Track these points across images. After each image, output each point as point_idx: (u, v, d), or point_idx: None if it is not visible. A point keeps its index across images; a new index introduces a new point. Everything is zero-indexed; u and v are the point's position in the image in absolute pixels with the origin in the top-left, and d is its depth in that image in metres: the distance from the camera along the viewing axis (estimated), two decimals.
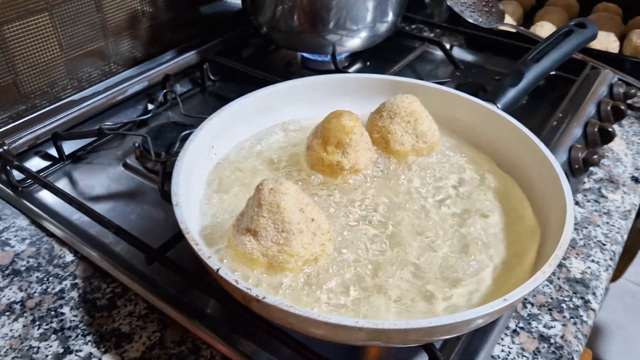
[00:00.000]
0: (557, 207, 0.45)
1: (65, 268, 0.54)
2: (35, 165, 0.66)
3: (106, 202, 0.62)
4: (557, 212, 0.45)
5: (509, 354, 0.47)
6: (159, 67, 0.80)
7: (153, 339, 0.47)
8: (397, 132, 0.54)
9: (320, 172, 0.53)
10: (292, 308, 0.35)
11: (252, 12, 0.82)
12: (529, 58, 0.62)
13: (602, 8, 1.01)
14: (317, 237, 0.43)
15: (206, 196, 0.50)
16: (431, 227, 0.48)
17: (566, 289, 0.53)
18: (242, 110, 0.57)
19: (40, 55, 0.70)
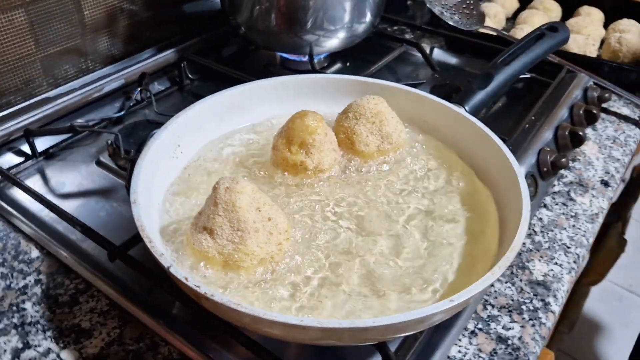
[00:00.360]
0: (515, 210, 0.46)
1: (30, 264, 0.54)
2: (8, 161, 0.67)
3: (76, 199, 0.62)
4: (514, 214, 0.46)
5: (466, 354, 0.47)
6: (136, 65, 0.80)
7: (112, 335, 0.47)
8: (363, 133, 0.55)
9: (284, 172, 0.53)
10: (238, 306, 0.36)
11: (231, 12, 0.82)
12: (498, 61, 0.63)
13: (584, 12, 1.02)
14: (273, 237, 0.44)
15: (169, 195, 0.51)
16: (392, 227, 0.49)
17: (527, 290, 0.53)
18: (211, 109, 0.57)
19: (15, 51, 0.70)
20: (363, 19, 0.82)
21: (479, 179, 0.54)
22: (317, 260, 0.45)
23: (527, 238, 0.59)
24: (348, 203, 0.51)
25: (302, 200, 0.51)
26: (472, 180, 0.54)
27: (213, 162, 0.55)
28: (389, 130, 0.55)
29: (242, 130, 0.59)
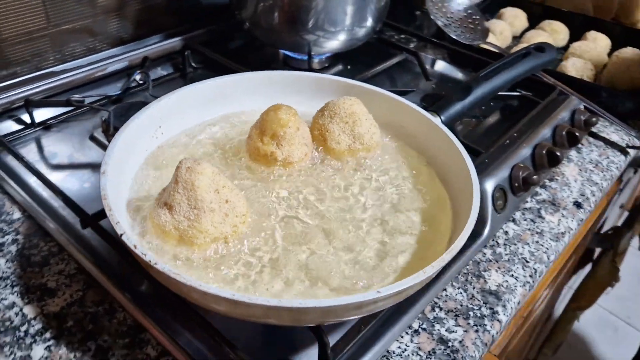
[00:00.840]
0: (467, 215, 0.47)
1: (11, 224, 0.57)
2: (7, 127, 0.70)
3: (65, 169, 0.66)
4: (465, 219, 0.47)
5: (404, 350, 0.49)
6: (142, 49, 0.84)
7: (74, 297, 0.50)
8: (335, 131, 0.57)
9: (255, 161, 0.55)
10: (178, 275, 0.38)
11: (236, 7, 0.85)
12: (480, 75, 0.64)
13: (590, 37, 1.02)
14: (229, 218, 0.46)
15: (142, 171, 0.54)
16: (349, 223, 0.51)
17: (478, 298, 0.54)
18: (195, 95, 0.60)
19: (26, 24, 0.74)
20: (364, 23, 0.84)
21: (442, 187, 0.56)
22: (270, 245, 0.47)
23: (488, 249, 0.60)
24: (311, 196, 0.53)
25: (267, 188, 0.53)
26: (435, 187, 0.56)
27: (189, 145, 0.58)
28: (361, 131, 0.57)
29: (224, 118, 0.62)
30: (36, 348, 0.46)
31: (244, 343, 0.47)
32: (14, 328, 0.47)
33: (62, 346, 0.46)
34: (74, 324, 0.48)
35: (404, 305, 0.52)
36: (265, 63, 0.93)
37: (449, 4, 0.97)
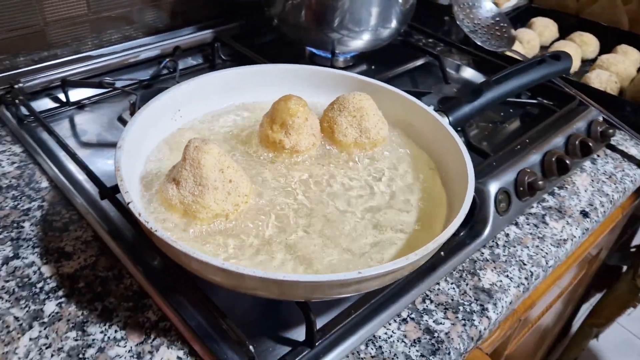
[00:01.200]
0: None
1: (39, 192, 0.62)
2: (45, 104, 0.76)
3: (92, 147, 0.70)
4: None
5: (390, 337, 0.51)
6: (174, 39, 0.88)
7: (88, 262, 0.54)
8: (343, 124, 0.59)
9: (265, 148, 0.58)
10: (175, 243, 0.41)
11: (266, 3, 0.88)
12: (492, 79, 0.66)
13: (621, 50, 1.01)
14: (231, 197, 0.49)
15: (158, 149, 0.57)
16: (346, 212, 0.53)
17: (470, 294, 0.56)
18: (215, 83, 0.63)
19: (69, 11, 0.79)
20: (388, 25, 0.86)
21: (442, 186, 0.57)
22: (268, 225, 0.50)
23: (487, 249, 0.62)
24: (313, 183, 0.55)
25: (273, 174, 0.56)
26: (435, 186, 0.57)
27: (205, 129, 0.61)
28: (368, 125, 0.59)
29: (241, 106, 0.65)
30: (49, 304, 0.50)
31: (238, 316, 0.50)
32: (31, 284, 0.51)
33: (72, 304, 0.50)
34: (85, 285, 0.52)
35: (396, 294, 0.54)
36: (292, 59, 0.95)
37: (477, 10, 0.97)
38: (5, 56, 0.76)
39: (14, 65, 0.77)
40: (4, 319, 0.48)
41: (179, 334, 0.49)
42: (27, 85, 0.74)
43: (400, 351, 0.50)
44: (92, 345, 0.47)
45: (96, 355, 0.46)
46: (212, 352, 0.47)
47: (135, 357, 0.46)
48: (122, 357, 0.46)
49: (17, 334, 0.47)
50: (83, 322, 0.48)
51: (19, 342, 0.46)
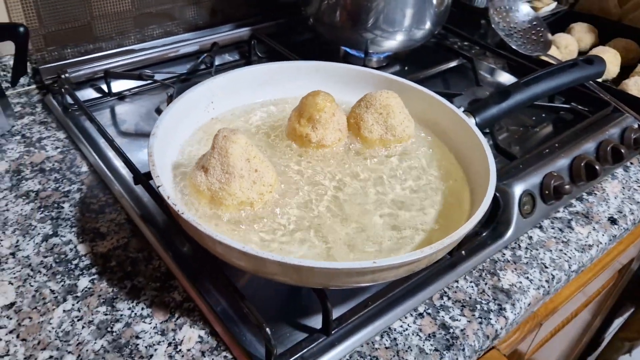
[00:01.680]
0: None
1: (79, 176, 0.65)
2: (88, 94, 0.80)
3: (130, 136, 0.74)
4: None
5: (406, 330, 0.52)
6: (213, 35, 0.91)
7: (120, 243, 0.57)
8: (369, 120, 0.60)
9: (292, 140, 0.60)
10: (199, 225, 0.43)
11: (302, 3, 0.90)
12: (521, 81, 0.66)
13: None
14: (256, 186, 0.51)
15: (190, 138, 0.60)
16: (367, 206, 0.54)
17: (489, 294, 0.56)
18: (248, 77, 0.66)
19: (115, 7, 0.83)
20: (422, 26, 0.87)
21: (467, 185, 0.58)
22: (292, 215, 0.52)
23: (509, 250, 0.62)
24: (337, 177, 0.57)
25: (299, 166, 0.58)
26: (458, 184, 0.58)
27: (236, 121, 0.63)
28: (394, 123, 0.60)
29: (272, 101, 0.67)
30: (82, 279, 0.53)
31: (260, 302, 0.52)
32: (67, 261, 0.55)
33: (103, 281, 0.53)
34: (116, 264, 0.55)
35: (413, 289, 0.55)
36: (326, 58, 0.96)
37: (514, 14, 0.97)
38: (55, 47, 0.80)
39: (62, 57, 0.81)
40: (41, 291, 0.51)
41: (201, 314, 0.51)
42: (72, 75, 0.79)
43: (414, 344, 0.50)
44: (119, 320, 0.49)
45: (123, 329, 0.49)
46: (232, 334, 0.49)
47: (159, 334, 0.49)
48: (147, 333, 0.49)
49: (52, 305, 0.50)
50: (113, 298, 0.51)
51: (54, 313, 0.49)
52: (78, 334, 0.48)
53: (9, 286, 0.52)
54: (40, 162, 0.67)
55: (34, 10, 0.76)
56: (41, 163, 0.67)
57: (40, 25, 0.78)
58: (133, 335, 0.48)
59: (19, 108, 0.77)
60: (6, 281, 0.52)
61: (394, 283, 0.54)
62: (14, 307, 0.50)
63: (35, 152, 0.69)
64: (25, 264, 0.54)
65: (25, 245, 0.56)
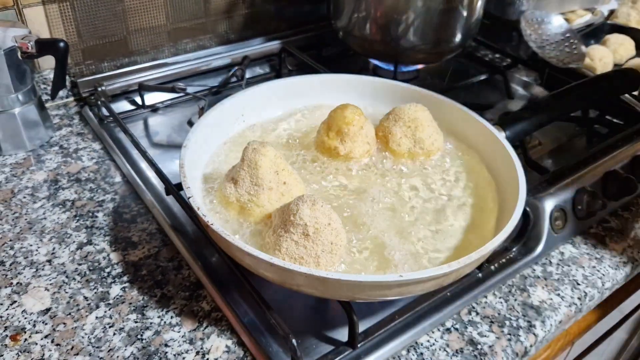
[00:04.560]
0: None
1: (113, 186, 0.67)
2: (123, 107, 0.82)
3: (162, 147, 0.76)
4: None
5: (433, 344, 0.51)
6: (244, 49, 0.93)
7: (151, 252, 0.59)
8: (397, 134, 0.61)
9: (320, 153, 0.61)
10: (228, 236, 0.44)
11: (333, 17, 0.91)
12: (553, 95, 0.65)
13: None
14: (284, 198, 0.52)
15: (221, 150, 0.61)
16: (396, 218, 0.54)
17: (518, 310, 0.55)
18: (277, 90, 0.67)
19: (150, 22, 0.85)
20: (452, 39, 0.87)
21: (496, 198, 0.57)
22: None
23: (539, 266, 0.61)
24: (365, 189, 0.57)
25: (327, 178, 0.58)
26: (487, 198, 0.57)
27: (266, 132, 0.64)
28: (422, 136, 0.60)
29: (301, 112, 0.68)
30: (114, 287, 0.54)
31: (288, 314, 0.52)
32: (100, 268, 0.56)
33: (134, 289, 0.54)
34: (147, 273, 0.56)
35: (441, 304, 0.54)
36: (356, 71, 0.97)
37: (546, 26, 0.96)
38: (92, 61, 0.83)
39: (99, 70, 0.84)
40: (75, 298, 0.53)
41: (229, 324, 0.51)
42: (108, 88, 0.81)
43: (441, 359, 0.50)
44: (149, 328, 0.50)
45: (153, 337, 0.50)
46: (258, 344, 0.49)
47: (187, 342, 0.49)
48: (176, 341, 0.49)
49: (85, 312, 0.51)
50: (143, 306, 0.52)
51: (87, 320, 0.51)
52: (109, 340, 0.49)
53: (45, 292, 0.53)
54: (77, 172, 0.69)
55: (73, 26, 0.79)
56: (77, 173, 0.69)
57: (79, 40, 0.80)
58: (162, 343, 0.49)
59: (57, 120, 0.80)
60: (43, 287, 0.54)
61: (421, 297, 0.54)
62: (50, 313, 0.51)
63: (72, 162, 0.71)
64: (60, 271, 0.56)
65: (61, 252, 0.58)
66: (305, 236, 0.45)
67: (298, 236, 0.45)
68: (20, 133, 0.71)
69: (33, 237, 0.59)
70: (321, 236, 0.45)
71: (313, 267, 0.46)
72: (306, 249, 0.45)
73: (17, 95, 0.69)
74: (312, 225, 0.45)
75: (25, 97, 0.71)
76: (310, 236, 0.45)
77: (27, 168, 0.70)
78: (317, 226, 0.45)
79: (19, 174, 0.68)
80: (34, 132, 0.72)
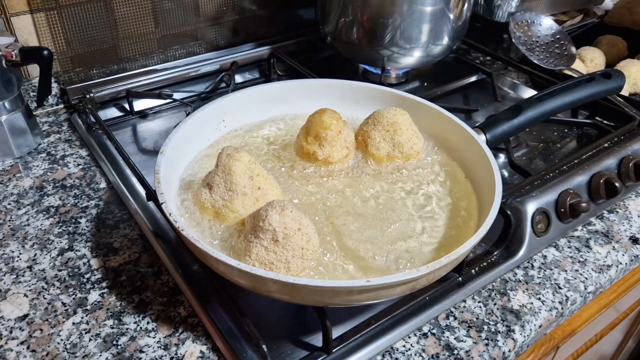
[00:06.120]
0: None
1: (97, 192, 0.68)
2: (111, 113, 0.83)
3: (149, 153, 0.76)
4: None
5: (409, 350, 0.51)
6: (233, 54, 0.94)
7: (132, 257, 0.59)
8: (376, 137, 0.60)
9: (299, 158, 0.61)
10: (197, 242, 0.44)
11: (321, 22, 0.91)
12: (535, 97, 0.64)
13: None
14: (259, 203, 0.52)
15: (200, 156, 0.61)
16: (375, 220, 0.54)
17: (497, 315, 0.55)
18: (259, 95, 0.67)
19: (139, 29, 0.86)
20: (439, 42, 0.86)
21: (475, 201, 0.57)
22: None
23: (521, 270, 0.60)
24: (344, 193, 0.57)
25: (306, 183, 0.58)
26: (466, 201, 0.57)
27: (246, 138, 0.65)
28: (401, 140, 0.60)
29: (282, 118, 0.68)
30: (93, 293, 0.55)
31: (264, 320, 0.52)
32: (80, 274, 0.56)
33: (113, 295, 0.54)
34: (127, 279, 0.56)
35: (418, 308, 0.54)
36: (345, 75, 0.96)
37: (536, 27, 0.96)
38: (81, 69, 0.84)
39: (88, 77, 0.85)
40: (53, 304, 0.53)
41: (205, 330, 0.51)
42: (97, 95, 0.82)
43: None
44: (125, 334, 0.51)
45: (128, 343, 0.50)
46: (233, 350, 0.49)
47: (162, 348, 0.50)
48: (150, 347, 0.50)
49: (62, 318, 0.52)
50: (120, 312, 0.53)
51: (63, 326, 0.51)
52: (85, 346, 0.49)
53: (24, 298, 0.54)
54: (62, 179, 0.70)
55: (61, 34, 0.80)
56: (63, 180, 0.70)
57: (67, 47, 0.81)
58: (137, 349, 0.49)
59: (46, 127, 0.80)
60: (22, 293, 0.54)
61: (399, 302, 0.54)
62: (27, 319, 0.52)
63: (58, 169, 0.72)
64: (40, 277, 0.56)
65: (42, 259, 0.58)
66: (275, 242, 0.45)
67: (267, 242, 0.45)
68: (7, 140, 0.72)
69: (15, 243, 0.60)
70: (291, 241, 0.45)
71: (283, 272, 0.46)
72: (276, 254, 0.45)
73: (4, 103, 0.70)
74: (281, 231, 0.45)
75: (12, 105, 0.71)
76: (280, 242, 0.45)
77: (13, 175, 0.70)
78: (287, 232, 0.45)
79: (5, 181, 0.69)
80: (21, 140, 0.73)
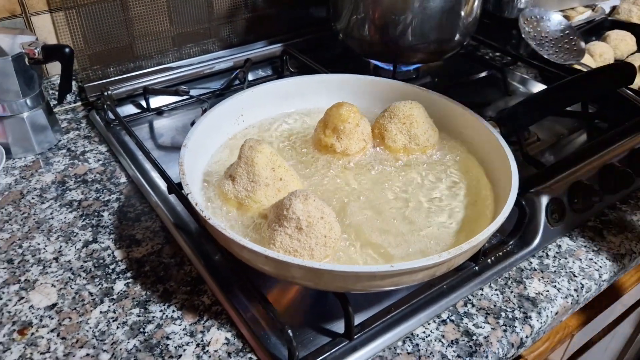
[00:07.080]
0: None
1: (118, 186, 0.69)
2: (128, 110, 0.84)
3: (166, 149, 0.77)
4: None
5: (428, 336, 0.52)
6: (247, 52, 0.95)
7: (155, 249, 0.60)
8: (392, 130, 0.62)
9: (318, 151, 0.62)
10: (225, 230, 0.45)
11: (333, 19, 0.93)
12: (547, 90, 0.65)
13: None
14: (280, 194, 0.53)
15: (220, 149, 0.62)
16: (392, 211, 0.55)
17: (514, 302, 0.56)
18: (276, 90, 0.68)
19: (154, 27, 0.87)
20: (450, 38, 0.88)
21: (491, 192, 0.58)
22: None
23: (536, 259, 0.61)
24: (362, 184, 0.58)
25: (324, 174, 0.59)
26: (481, 192, 0.58)
27: (265, 131, 0.66)
28: (417, 132, 0.61)
29: (298, 112, 0.69)
30: (118, 283, 0.56)
31: (287, 307, 0.53)
32: (105, 265, 0.58)
33: (137, 284, 0.56)
34: (150, 269, 0.58)
35: (437, 296, 0.55)
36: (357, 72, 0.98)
37: (545, 23, 0.97)
38: (99, 67, 0.86)
39: (106, 75, 0.86)
40: (80, 293, 0.55)
41: (229, 317, 0.53)
42: (114, 92, 0.83)
43: (436, 350, 0.51)
44: (151, 322, 0.52)
45: (155, 330, 0.51)
46: (257, 336, 0.51)
47: (188, 335, 0.51)
48: (177, 334, 0.51)
49: (90, 307, 0.53)
50: (146, 301, 0.54)
51: (91, 314, 0.52)
52: (113, 333, 0.51)
53: (51, 288, 0.55)
54: (83, 174, 0.71)
55: (80, 33, 0.81)
56: (84, 174, 0.71)
57: (86, 46, 0.83)
58: (164, 336, 0.51)
59: (65, 124, 0.82)
60: (49, 284, 0.56)
61: (417, 290, 0.55)
62: (56, 308, 0.53)
63: (79, 164, 0.73)
64: (67, 268, 0.57)
65: (67, 250, 0.60)
66: (299, 230, 0.46)
67: (292, 230, 0.47)
68: (29, 137, 0.73)
69: (41, 236, 0.61)
70: (314, 229, 0.47)
71: (307, 259, 0.47)
72: (300, 242, 0.47)
73: (26, 100, 0.72)
74: (304, 219, 0.46)
75: (34, 102, 0.73)
76: (304, 230, 0.46)
77: (35, 170, 0.72)
78: (310, 220, 0.46)
79: (27, 176, 0.71)
80: (42, 136, 0.75)
